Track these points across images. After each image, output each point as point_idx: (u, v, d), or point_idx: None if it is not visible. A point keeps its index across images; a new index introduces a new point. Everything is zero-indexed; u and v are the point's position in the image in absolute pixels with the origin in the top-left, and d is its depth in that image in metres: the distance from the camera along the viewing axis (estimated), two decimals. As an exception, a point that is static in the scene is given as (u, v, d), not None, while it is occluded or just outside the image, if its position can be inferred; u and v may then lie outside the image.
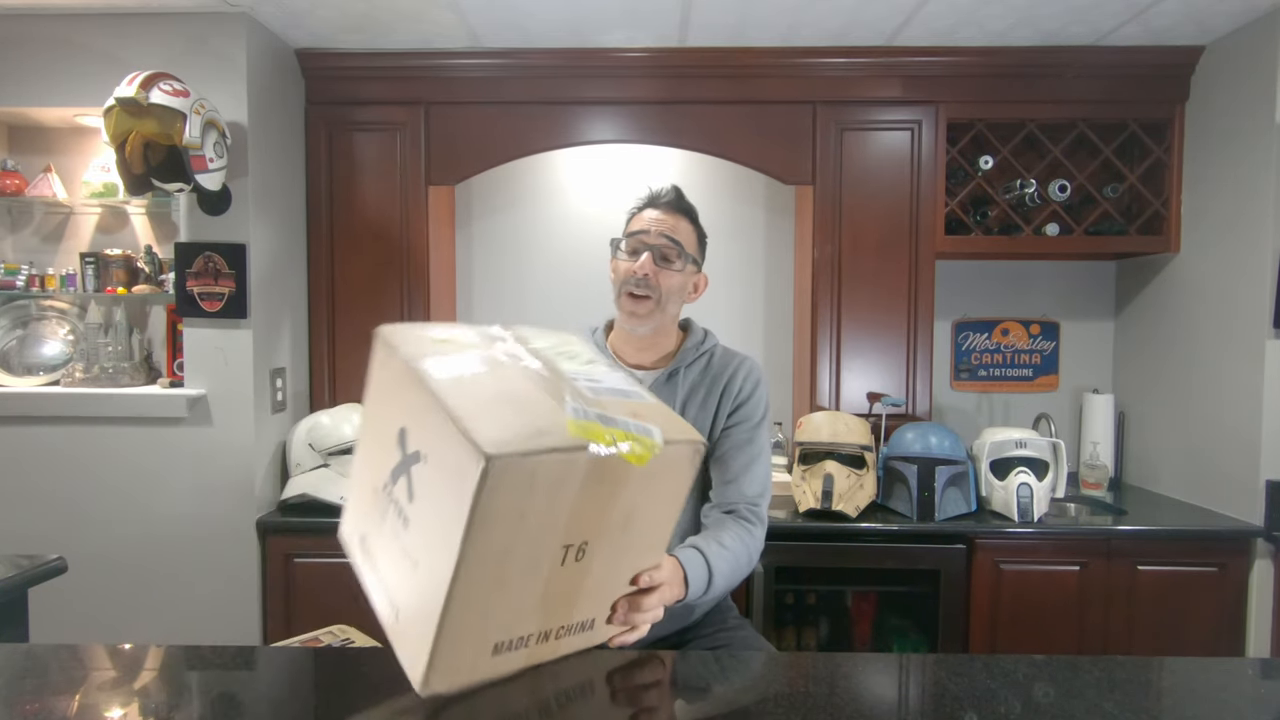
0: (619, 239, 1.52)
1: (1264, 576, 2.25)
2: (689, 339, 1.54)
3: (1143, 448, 2.81)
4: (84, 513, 2.38)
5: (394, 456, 0.87)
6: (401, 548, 0.86)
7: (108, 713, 0.91)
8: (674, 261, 1.46)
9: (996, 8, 2.28)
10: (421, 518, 0.84)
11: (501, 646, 0.88)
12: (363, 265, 2.65)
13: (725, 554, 1.30)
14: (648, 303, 1.45)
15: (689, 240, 1.49)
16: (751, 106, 2.65)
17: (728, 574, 1.30)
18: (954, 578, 2.28)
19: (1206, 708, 0.93)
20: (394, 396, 0.90)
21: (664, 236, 1.45)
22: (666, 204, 1.49)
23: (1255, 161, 2.30)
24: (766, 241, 3.00)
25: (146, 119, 2.06)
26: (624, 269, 1.47)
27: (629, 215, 1.54)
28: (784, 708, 0.91)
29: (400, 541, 0.87)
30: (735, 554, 1.33)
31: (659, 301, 1.45)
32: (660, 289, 1.44)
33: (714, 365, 1.52)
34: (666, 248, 1.45)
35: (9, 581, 1.59)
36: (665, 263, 1.45)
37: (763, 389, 1.52)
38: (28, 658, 1.06)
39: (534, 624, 0.90)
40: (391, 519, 0.88)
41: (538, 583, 0.87)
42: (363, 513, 0.97)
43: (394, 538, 0.88)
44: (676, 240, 1.46)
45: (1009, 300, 3.01)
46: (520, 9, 2.30)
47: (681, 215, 1.49)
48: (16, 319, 2.52)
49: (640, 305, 1.45)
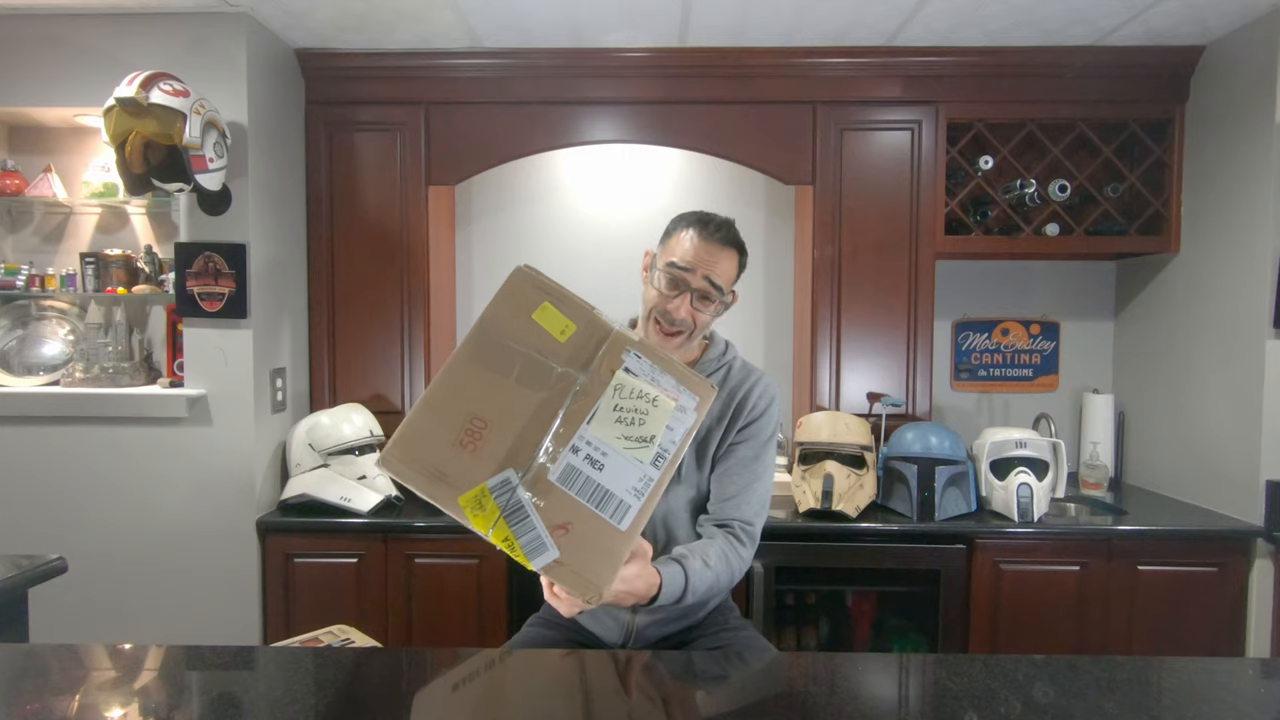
0: (656, 259, 1.47)
1: (1264, 576, 2.25)
2: (711, 350, 1.54)
3: (1143, 448, 2.81)
4: (84, 513, 2.38)
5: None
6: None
7: (108, 713, 0.91)
8: (712, 302, 1.44)
9: (996, 8, 2.28)
10: None
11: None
12: (363, 265, 2.65)
13: (707, 573, 1.32)
14: (680, 337, 1.45)
15: (729, 275, 1.45)
16: (751, 106, 2.64)
17: (703, 592, 1.32)
18: (954, 578, 2.28)
19: (1206, 708, 0.93)
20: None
21: (707, 280, 1.41)
22: (720, 239, 1.43)
23: (1255, 161, 2.30)
24: (766, 242, 3.00)
25: (146, 119, 2.05)
26: (660, 302, 1.43)
27: (671, 229, 1.48)
28: (784, 707, 0.91)
29: None
30: (717, 574, 1.35)
31: (690, 335, 1.46)
32: (695, 325, 1.45)
33: (731, 378, 1.52)
34: (707, 290, 1.42)
35: (9, 581, 1.59)
36: (703, 303, 1.43)
37: (775, 409, 1.52)
38: (28, 658, 1.05)
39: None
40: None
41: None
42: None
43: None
44: (718, 284, 1.42)
45: (1009, 300, 3.01)
46: (520, 9, 2.30)
47: (731, 250, 1.45)
48: (16, 319, 2.52)
49: (672, 340, 1.44)
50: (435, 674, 1.08)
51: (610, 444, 0.97)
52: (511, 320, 1.01)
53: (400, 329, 2.66)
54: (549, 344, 1.00)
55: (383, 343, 2.66)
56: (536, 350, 1.00)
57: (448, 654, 1.25)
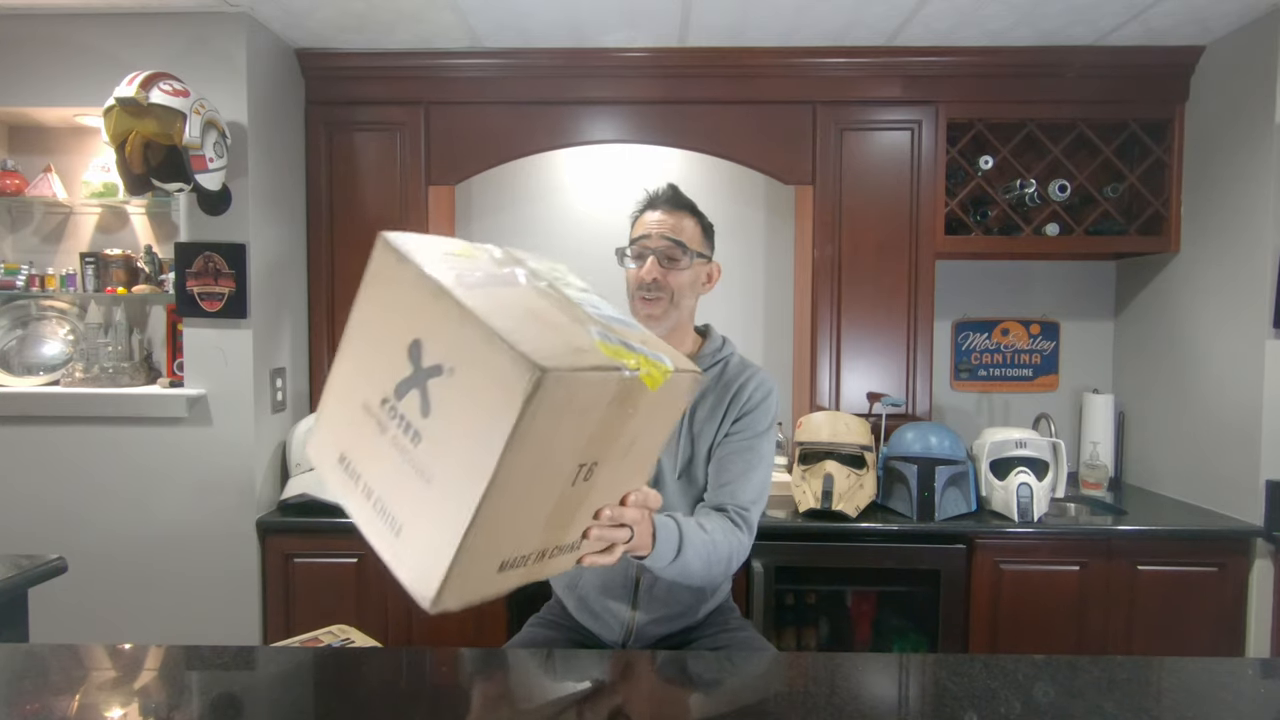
0: (624, 248, 1.52)
1: (1264, 576, 2.25)
2: (707, 345, 1.55)
3: (1143, 448, 2.81)
4: (84, 513, 2.38)
5: (402, 370, 0.84)
6: (410, 463, 0.84)
7: (108, 713, 0.91)
8: (679, 260, 1.46)
9: (996, 8, 2.28)
10: (440, 433, 0.81)
11: (507, 564, 0.88)
12: (363, 265, 2.59)
13: (703, 535, 1.27)
14: (660, 303, 1.46)
15: (693, 235, 1.49)
16: (751, 106, 2.64)
17: (702, 556, 1.26)
18: (954, 578, 2.28)
19: (1206, 708, 0.93)
20: (404, 307, 0.86)
21: (665, 238, 1.46)
22: (665, 203, 1.50)
23: (1255, 161, 2.30)
24: (766, 241, 3.00)
25: (146, 119, 2.06)
26: (633, 276, 1.48)
27: (632, 220, 1.55)
28: (784, 707, 0.91)
29: (408, 457, 0.84)
30: (715, 542, 1.29)
31: (671, 299, 1.46)
32: (670, 288, 1.46)
33: (728, 373, 1.52)
34: (670, 248, 1.46)
35: (9, 581, 1.59)
36: (671, 263, 1.46)
37: (771, 400, 1.51)
38: (28, 658, 1.06)
39: (537, 542, 0.90)
40: (394, 434, 0.86)
41: (549, 501, 0.88)
42: (345, 428, 0.93)
43: (399, 453, 0.85)
44: (678, 240, 1.46)
45: (1009, 300, 3.01)
46: (520, 9, 2.29)
47: (682, 211, 1.50)
48: (16, 319, 2.52)
49: (654, 306, 1.46)
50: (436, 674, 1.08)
51: None
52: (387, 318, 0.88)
53: (400, 329, 2.65)
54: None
55: (383, 343, 2.66)
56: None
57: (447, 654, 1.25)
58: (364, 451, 0.90)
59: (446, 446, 0.81)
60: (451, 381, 0.80)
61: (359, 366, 0.92)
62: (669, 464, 1.48)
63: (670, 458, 1.48)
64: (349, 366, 0.94)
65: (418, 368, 0.83)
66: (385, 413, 0.87)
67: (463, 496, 0.78)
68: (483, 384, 0.77)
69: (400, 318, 0.86)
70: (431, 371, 0.82)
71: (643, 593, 1.48)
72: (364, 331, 0.92)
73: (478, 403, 0.77)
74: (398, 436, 0.85)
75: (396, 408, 0.85)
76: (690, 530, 1.25)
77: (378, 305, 0.90)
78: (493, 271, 0.90)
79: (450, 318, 0.79)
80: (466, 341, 0.78)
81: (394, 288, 0.87)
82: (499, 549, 0.85)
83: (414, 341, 0.83)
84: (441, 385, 0.81)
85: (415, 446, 0.83)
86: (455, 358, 0.80)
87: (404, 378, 0.84)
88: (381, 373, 0.87)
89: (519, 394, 0.72)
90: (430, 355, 0.82)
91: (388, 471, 0.86)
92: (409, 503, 0.84)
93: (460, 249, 0.93)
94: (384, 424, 0.87)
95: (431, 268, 0.83)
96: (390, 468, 0.86)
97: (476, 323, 0.77)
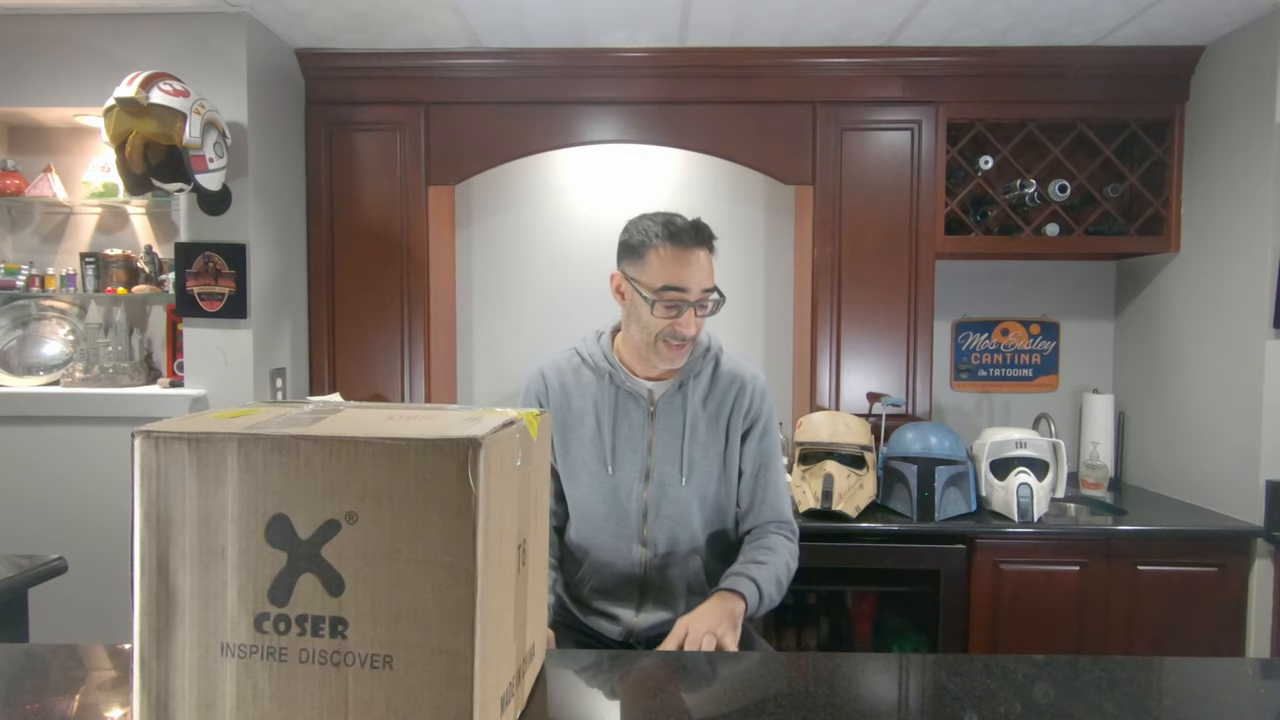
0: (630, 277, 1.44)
1: (1264, 576, 2.25)
2: (695, 348, 1.54)
3: (1143, 448, 2.81)
4: (84, 513, 2.37)
5: (273, 565, 0.69)
6: (343, 675, 0.69)
7: (108, 713, 0.91)
8: (708, 305, 1.45)
9: (996, 8, 2.28)
10: (368, 596, 0.68)
11: (504, 700, 0.78)
12: (363, 265, 2.65)
13: (771, 571, 1.47)
14: (687, 346, 1.46)
15: (713, 271, 1.46)
16: (751, 106, 2.64)
17: (776, 583, 1.47)
18: (954, 578, 2.28)
19: (1206, 708, 0.93)
20: (239, 495, 0.69)
21: (703, 290, 1.43)
22: (695, 243, 1.42)
23: (1255, 162, 2.30)
24: (766, 242, 3.00)
25: (146, 119, 2.05)
26: (665, 324, 1.41)
27: (637, 246, 1.44)
28: (784, 707, 0.91)
29: (338, 672, 0.69)
30: (777, 564, 1.49)
31: (696, 339, 1.47)
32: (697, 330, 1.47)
33: (720, 376, 1.53)
34: (705, 300, 1.43)
35: (9, 581, 1.59)
36: (703, 309, 1.44)
37: (769, 400, 1.57)
38: (28, 658, 1.06)
39: (513, 660, 0.81)
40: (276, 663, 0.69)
41: (509, 599, 0.78)
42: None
43: (320, 678, 0.69)
44: (713, 288, 1.44)
45: (1009, 300, 3.01)
46: (520, 9, 2.30)
47: (706, 249, 1.44)
48: (16, 319, 2.52)
49: (681, 351, 1.45)
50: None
51: None
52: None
53: (400, 329, 2.66)
54: None
55: (383, 343, 2.66)
56: None
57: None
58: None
59: (396, 604, 0.67)
60: (361, 525, 0.67)
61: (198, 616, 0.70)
62: (673, 472, 1.48)
63: (674, 466, 1.49)
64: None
65: (296, 542, 0.68)
66: (258, 640, 0.68)
67: (458, 619, 0.67)
68: (412, 494, 0.66)
69: (239, 508, 0.68)
70: (327, 530, 0.67)
71: (648, 596, 1.49)
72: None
73: (412, 516, 0.66)
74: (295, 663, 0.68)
75: (285, 617, 0.68)
76: (764, 578, 1.44)
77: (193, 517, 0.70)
78: (287, 414, 0.78)
79: (333, 454, 0.67)
80: (367, 470, 0.66)
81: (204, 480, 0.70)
82: (498, 679, 0.75)
83: (274, 519, 0.68)
84: (345, 540, 0.67)
85: (344, 642, 0.67)
86: (354, 499, 0.67)
87: (279, 572, 0.68)
88: (257, 571, 0.68)
89: (463, 468, 0.65)
90: (303, 525, 0.67)
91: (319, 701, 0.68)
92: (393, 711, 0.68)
93: (213, 415, 0.78)
94: (248, 659, 0.69)
95: (283, 426, 0.71)
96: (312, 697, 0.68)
97: (367, 443, 0.66)
